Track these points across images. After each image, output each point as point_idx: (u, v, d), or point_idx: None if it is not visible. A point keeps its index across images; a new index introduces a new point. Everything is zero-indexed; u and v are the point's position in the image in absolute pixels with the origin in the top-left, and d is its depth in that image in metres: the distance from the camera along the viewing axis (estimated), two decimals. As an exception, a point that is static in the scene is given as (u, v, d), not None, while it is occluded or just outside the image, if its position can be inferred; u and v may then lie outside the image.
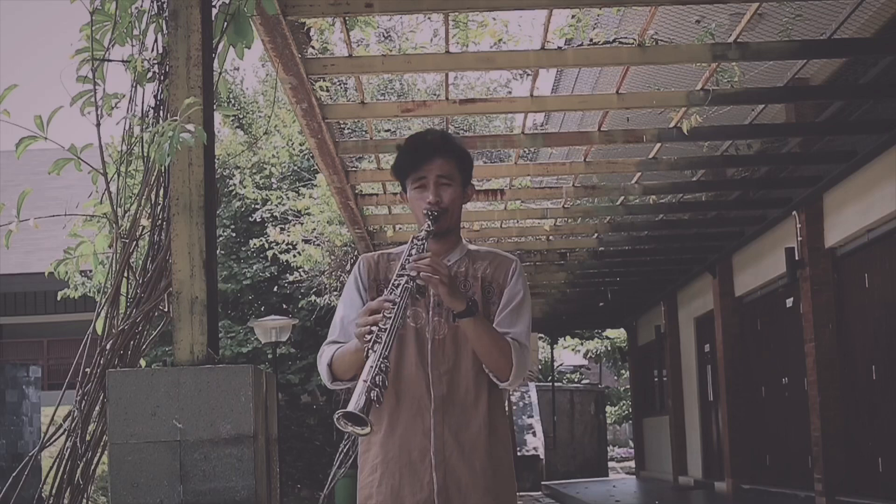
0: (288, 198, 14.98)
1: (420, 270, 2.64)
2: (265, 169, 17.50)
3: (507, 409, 2.99)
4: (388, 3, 5.67)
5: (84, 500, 3.57)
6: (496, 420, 2.83)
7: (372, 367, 2.50)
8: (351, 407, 2.46)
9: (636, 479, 21.80)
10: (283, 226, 13.97)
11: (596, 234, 12.45)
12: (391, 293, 2.65)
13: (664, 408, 18.73)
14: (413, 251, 2.72)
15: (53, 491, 3.51)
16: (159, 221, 3.65)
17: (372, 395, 2.47)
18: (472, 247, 2.96)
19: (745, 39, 6.69)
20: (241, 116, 18.75)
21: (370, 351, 2.54)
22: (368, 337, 2.57)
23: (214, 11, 3.73)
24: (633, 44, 6.56)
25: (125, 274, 3.68)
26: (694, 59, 6.80)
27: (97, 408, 3.56)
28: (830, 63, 8.88)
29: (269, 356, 14.76)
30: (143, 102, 3.80)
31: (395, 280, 2.68)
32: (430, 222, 2.78)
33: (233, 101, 18.68)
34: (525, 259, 13.38)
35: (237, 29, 3.73)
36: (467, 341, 2.78)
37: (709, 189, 10.92)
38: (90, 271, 4.23)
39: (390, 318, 2.57)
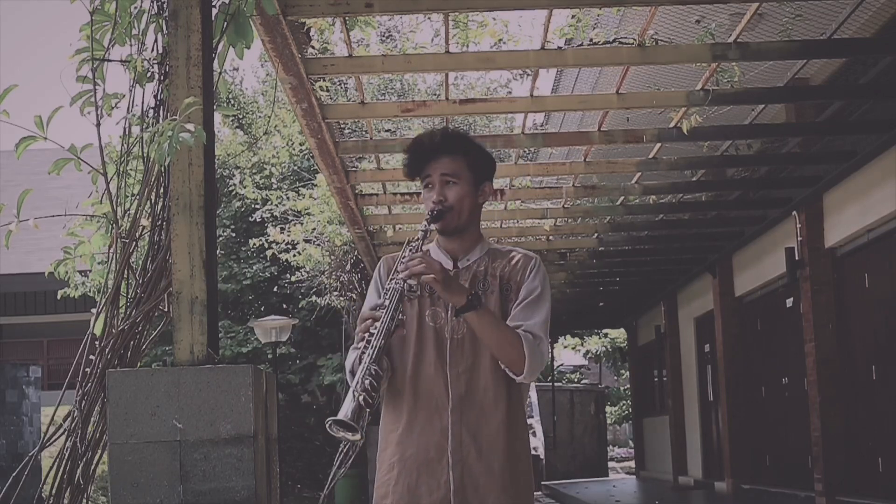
0: (288, 198, 14.98)
1: (410, 270, 2.64)
2: (265, 169, 17.50)
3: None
4: (388, 3, 5.67)
5: (84, 500, 3.57)
6: (515, 420, 2.81)
7: (360, 372, 2.52)
8: (340, 415, 2.47)
9: (636, 479, 21.80)
10: (283, 226, 13.98)
11: (596, 234, 12.45)
12: (386, 296, 2.66)
13: (664, 408, 18.73)
14: (406, 253, 2.73)
15: (53, 491, 3.51)
16: (159, 221, 3.65)
17: (360, 399, 2.47)
18: (494, 245, 2.95)
19: (745, 39, 6.69)
20: (241, 116, 18.75)
21: (365, 355, 2.55)
22: (362, 345, 2.59)
23: (214, 11, 3.73)
24: (633, 44, 6.56)
25: (125, 274, 3.68)
26: (694, 59, 6.80)
27: (97, 408, 3.56)
28: (830, 63, 8.88)
29: (269, 356, 14.76)
30: (142, 102, 3.80)
31: (387, 284, 2.70)
32: (426, 222, 2.78)
33: (233, 101, 18.69)
34: (525, 259, 13.35)
35: (237, 29, 3.73)
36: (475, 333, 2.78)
37: (709, 189, 10.91)
38: (89, 271, 4.23)
39: (380, 321, 2.60)
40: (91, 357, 3.61)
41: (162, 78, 3.73)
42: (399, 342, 2.77)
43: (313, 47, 6.32)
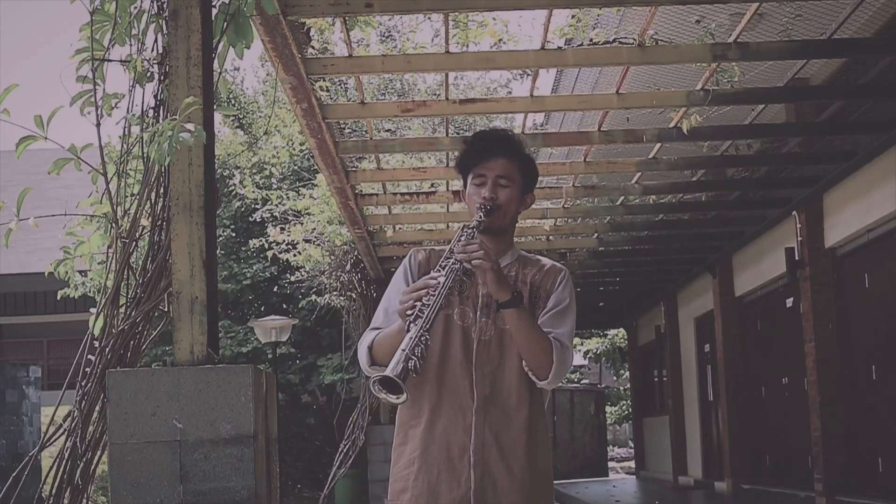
0: (288, 198, 14.97)
1: (469, 254, 2.65)
2: (265, 169, 17.50)
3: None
4: (388, 3, 5.67)
5: (84, 500, 3.57)
6: (536, 424, 2.83)
7: (412, 338, 2.51)
8: (388, 371, 2.46)
9: (636, 479, 21.80)
10: (283, 226, 13.97)
11: (596, 234, 12.45)
12: (438, 273, 2.65)
13: (664, 408, 18.73)
14: (462, 237, 2.73)
15: (53, 491, 3.51)
16: (159, 221, 3.65)
17: (410, 364, 2.47)
18: (524, 253, 2.98)
19: (745, 39, 6.69)
20: (241, 116, 18.75)
21: (411, 324, 2.54)
22: (411, 312, 2.57)
23: (214, 11, 3.73)
24: (633, 44, 6.55)
25: (125, 274, 3.68)
26: (694, 59, 6.80)
27: (97, 408, 3.56)
28: (830, 63, 8.88)
29: (269, 356, 14.76)
30: (142, 102, 3.80)
31: (442, 262, 2.68)
32: (482, 214, 2.79)
33: (233, 101, 18.69)
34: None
35: (237, 29, 3.73)
36: (512, 343, 2.78)
37: (709, 189, 10.92)
38: (89, 271, 4.23)
39: (434, 295, 2.58)
40: (91, 357, 3.61)
41: (162, 78, 3.73)
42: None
43: (313, 47, 6.32)
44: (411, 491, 2.76)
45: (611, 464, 28.85)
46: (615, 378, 36.10)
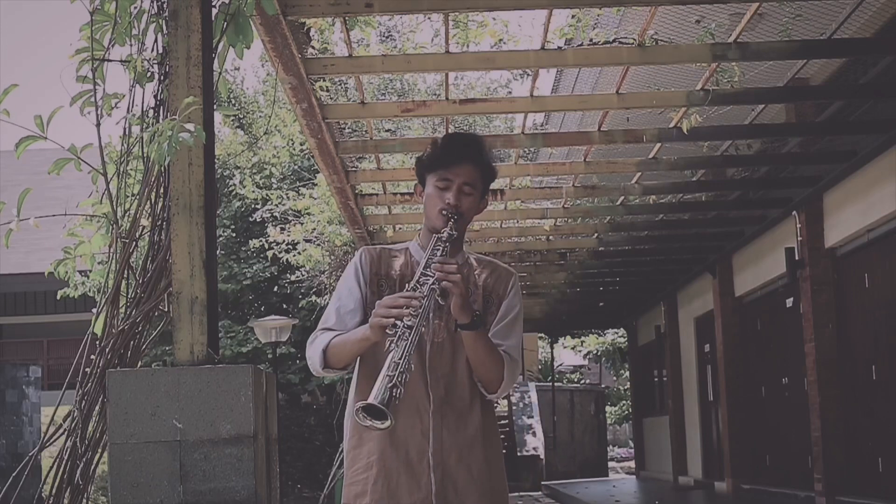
0: (288, 198, 14.98)
1: (445, 277, 2.62)
2: (265, 169, 17.50)
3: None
4: (388, 3, 5.67)
5: (84, 500, 3.57)
6: (489, 423, 2.86)
7: (397, 362, 2.48)
8: (373, 399, 2.44)
9: (636, 479, 21.80)
10: (283, 226, 13.98)
11: (596, 234, 12.45)
12: (415, 290, 2.62)
13: (664, 408, 18.73)
14: (437, 252, 2.70)
15: (53, 491, 3.51)
16: (159, 221, 3.65)
17: (395, 391, 2.46)
18: (471, 254, 2.97)
19: (745, 39, 6.69)
20: (241, 116, 18.76)
21: (393, 345, 2.52)
22: (392, 330, 2.54)
23: (214, 11, 3.73)
24: (633, 44, 6.55)
25: (125, 274, 3.68)
26: (694, 59, 6.80)
27: (97, 408, 3.56)
28: (830, 63, 8.87)
29: (269, 356, 14.76)
30: (142, 102, 3.80)
31: (421, 278, 2.65)
32: (452, 226, 2.76)
33: (233, 101, 18.69)
34: (525, 259, 13.39)
35: (237, 29, 3.73)
36: (464, 347, 2.78)
37: (709, 189, 10.92)
38: (89, 271, 4.23)
39: (416, 315, 2.55)
40: (91, 357, 3.61)
41: (162, 78, 3.73)
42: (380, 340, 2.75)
43: (313, 47, 6.32)
44: (370, 495, 2.74)
45: (611, 464, 28.87)
46: (615, 378, 36.10)
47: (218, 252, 4.07)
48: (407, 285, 2.69)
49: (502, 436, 22.06)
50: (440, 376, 2.79)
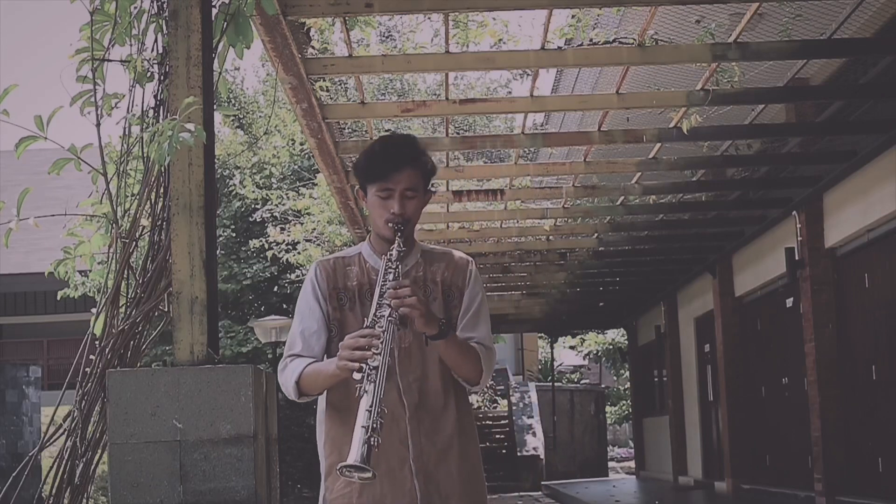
0: (288, 198, 14.98)
1: (401, 304, 2.58)
2: (265, 169, 17.50)
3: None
4: (388, 3, 5.67)
5: (84, 500, 3.57)
6: (465, 422, 2.85)
7: (368, 411, 2.46)
8: (352, 459, 2.43)
9: (636, 479, 21.80)
10: (283, 226, 13.98)
11: (596, 234, 12.45)
12: (374, 325, 2.58)
13: (664, 408, 18.73)
14: (390, 277, 2.65)
15: (53, 491, 3.51)
16: (159, 221, 3.65)
17: (372, 441, 2.43)
18: (425, 246, 2.93)
19: (745, 39, 6.69)
20: (241, 116, 18.75)
21: (363, 391, 2.49)
22: (359, 375, 2.51)
23: (214, 11, 3.73)
24: (633, 44, 6.56)
25: (125, 274, 3.68)
26: (694, 59, 6.80)
27: (97, 408, 3.56)
28: (830, 63, 8.87)
29: (269, 356, 14.76)
30: (142, 102, 3.80)
31: (377, 311, 2.60)
32: (400, 241, 2.72)
33: (233, 101, 18.69)
34: (525, 259, 13.39)
35: (237, 29, 3.73)
36: (434, 350, 2.75)
37: (709, 189, 10.92)
38: (89, 271, 4.23)
39: (379, 354, 2.51)
40: (91, 357, 3.61)
41: (162, 78, 3.73)
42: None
43: (313, 47, 6.32)
44: None
45: (611, 464, 28.88)
46: (615, 378, 36.11)
47: (218, 252, 4.07)
48: (366, 321, 2.62)
49: (502, 436, 22.22)
50: (412, 381, 2.77)
